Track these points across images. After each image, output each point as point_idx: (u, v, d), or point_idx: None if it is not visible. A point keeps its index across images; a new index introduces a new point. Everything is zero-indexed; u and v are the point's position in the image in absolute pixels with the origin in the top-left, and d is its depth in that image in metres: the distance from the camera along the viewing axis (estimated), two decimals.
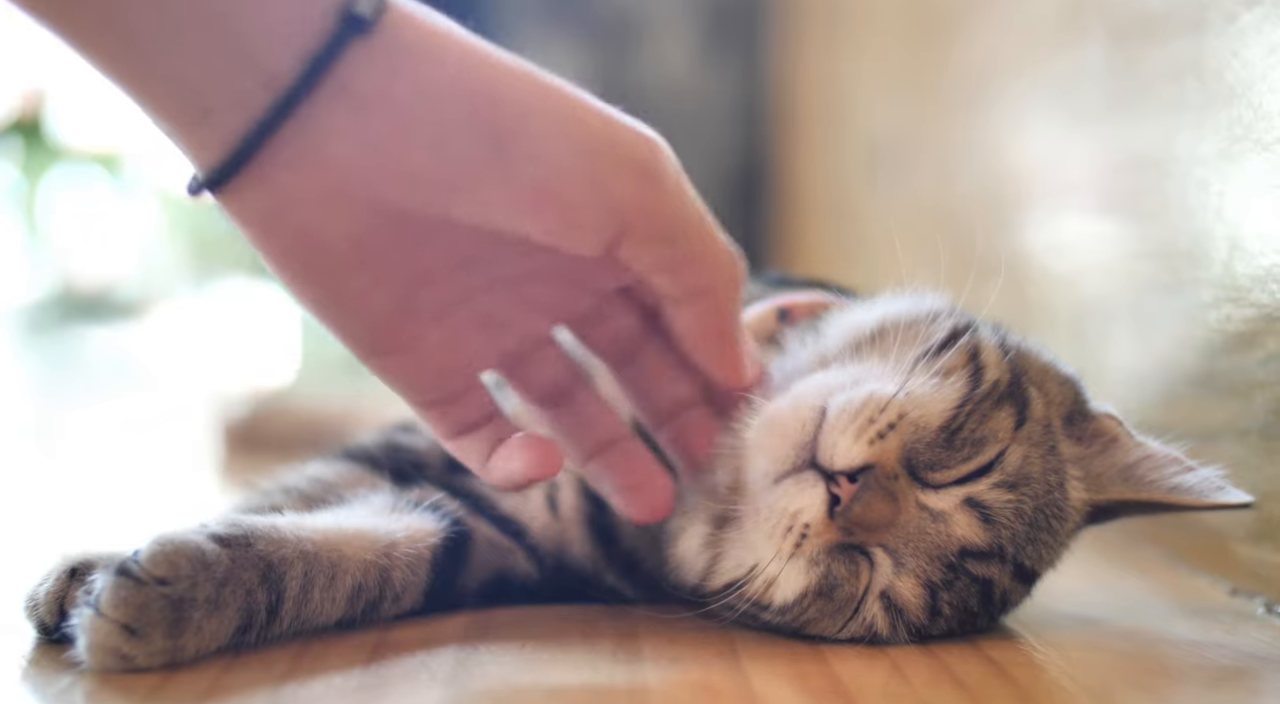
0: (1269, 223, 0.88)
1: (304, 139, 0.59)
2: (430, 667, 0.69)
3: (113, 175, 4.19)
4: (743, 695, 0.65)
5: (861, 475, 0.69)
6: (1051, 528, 0.75)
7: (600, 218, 0.62)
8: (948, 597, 0.72)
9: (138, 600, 0.64)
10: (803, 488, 0.71)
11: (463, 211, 0.61)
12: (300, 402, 1.81)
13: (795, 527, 0.70)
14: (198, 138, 0.60)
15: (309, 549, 0.72)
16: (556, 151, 0.61)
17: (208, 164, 0.60)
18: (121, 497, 1.43)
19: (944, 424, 0.72)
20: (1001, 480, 0.72)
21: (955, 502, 0.71)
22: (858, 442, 0.69)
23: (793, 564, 0.71)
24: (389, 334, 0.66)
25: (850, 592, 0.71)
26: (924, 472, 0.71)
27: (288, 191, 0.60)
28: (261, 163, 0.59)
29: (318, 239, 0.61)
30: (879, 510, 0.70)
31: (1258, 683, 0.74)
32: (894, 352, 0.75)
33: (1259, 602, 0.89)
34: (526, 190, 0.61)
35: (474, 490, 0.86)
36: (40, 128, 4.05)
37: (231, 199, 0.61)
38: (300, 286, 0.64)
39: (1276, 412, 0.87)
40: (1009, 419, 0.74)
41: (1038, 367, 0.79)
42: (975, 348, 0.75)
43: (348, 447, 0.92)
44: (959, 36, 1.64)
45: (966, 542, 0.71)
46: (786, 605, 0.73)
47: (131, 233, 4.26)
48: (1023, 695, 0.66)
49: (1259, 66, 0.89)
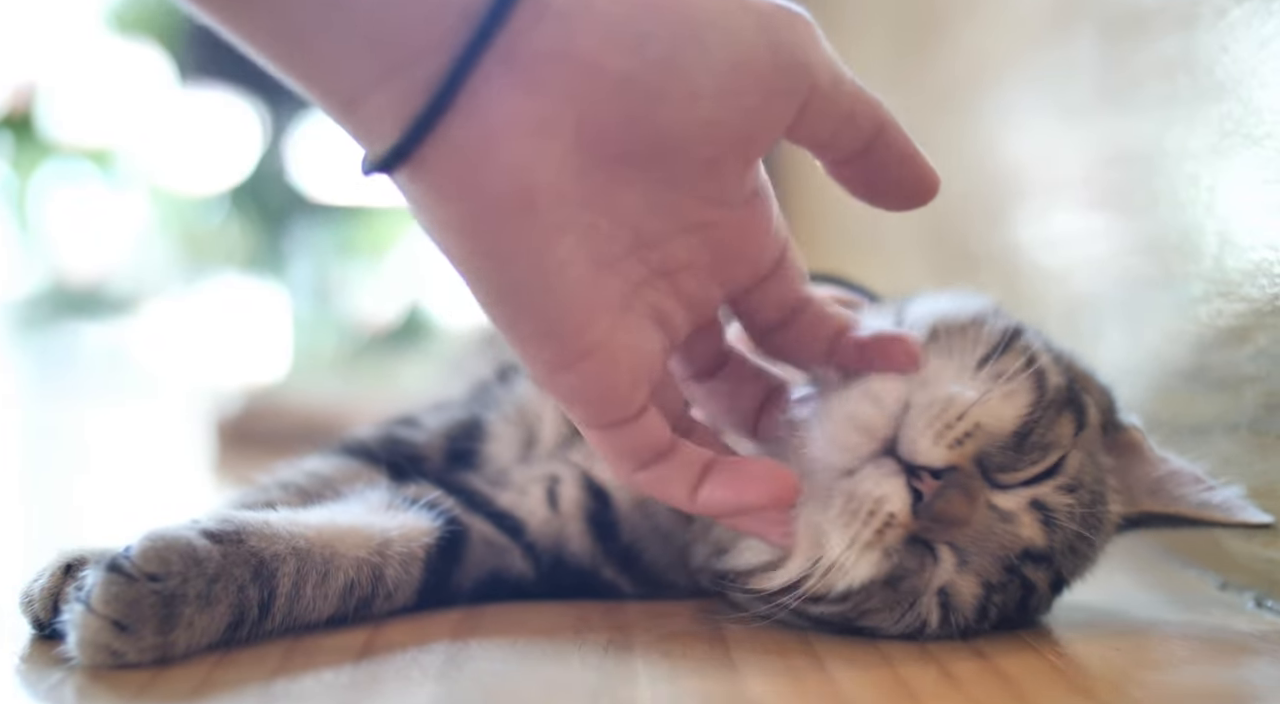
0: (1259, 217, 0.88)
1: (511, 63, 0.56)
2: (422, 663, 0.69)
3: (104, 171, 4.19)
4: (733, 690, 0.65)
5: (945, 474, 0.70)
6: (1092, 539, 0.75)
7: (791, 80, 0.61)
8: (999, 598, 0.72)
9: (129, 596, 0.64)
10: (885, 475, 0.70)
11: (668, 111, 0.59)
12: (292, 397, 1.81)
13: (880, 513, 0.70)
14: (395, 91, 0.56)
15: (302, 546, 0.72)
16: (740, 24, 0.60)
17: (407, 115, 0.56)
18: (114, 493, 1.42)
19: (1016, 430, 0.72)
20: (1064, 484, 0.73)
21: (1023, 502, 0.72)
22: (937, 444, 0.69)
23: (867, 553, 0.70)
24: (581, 329, 0.60)
25: (914, 585, 0.72)
26: (994, 473, 0.72)
27: (498, 126, 0.56)
28: (470, 97, 0.55)
29: (529, 181, 0.57)
30: (960, 509, 0.70)
31: (1249, 676, 0.74)
32: (956, 353, 0.74)
33: (1249, 596, 0.89)
34: (724, 69, 0.59)
35: (471, 486, 0.86)
36: (31, 123, 4.05)
37: (438, 151, 0.56)
38: (495, 265, 0.59)
39: (1267, 406, 0.87)
40: (1070, 425, 0.75)
41: (1082, 373, 0.80)
42: (1031, 352, 0.76)
43: (345, 441, 0.92)
44: (949, 33, 1.64)
45: (1030, 543, 0.72)
46: (851, 592, 0.72)
47: (123, 228, 4.26)
48: (1013, 689, 0.67)
49: (1249, 62, 0.89)
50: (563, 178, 0.58)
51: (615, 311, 0.62)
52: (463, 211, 0.57)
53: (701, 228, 0.64)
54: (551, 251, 0.58)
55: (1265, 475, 0.86)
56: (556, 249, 0.59)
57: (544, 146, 0.57)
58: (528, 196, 0.57)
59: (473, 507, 0.84)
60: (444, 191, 0.57)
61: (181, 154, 4.22)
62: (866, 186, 0.67)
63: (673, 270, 0.65)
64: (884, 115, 0.65)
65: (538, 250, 0.58)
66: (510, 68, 0.56)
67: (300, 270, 4.53)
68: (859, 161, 0.66)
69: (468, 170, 0.56)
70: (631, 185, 0.61)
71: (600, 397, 0.62)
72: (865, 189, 0.67)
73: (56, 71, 4.04)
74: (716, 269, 0.66)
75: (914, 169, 0.67)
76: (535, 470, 0.87)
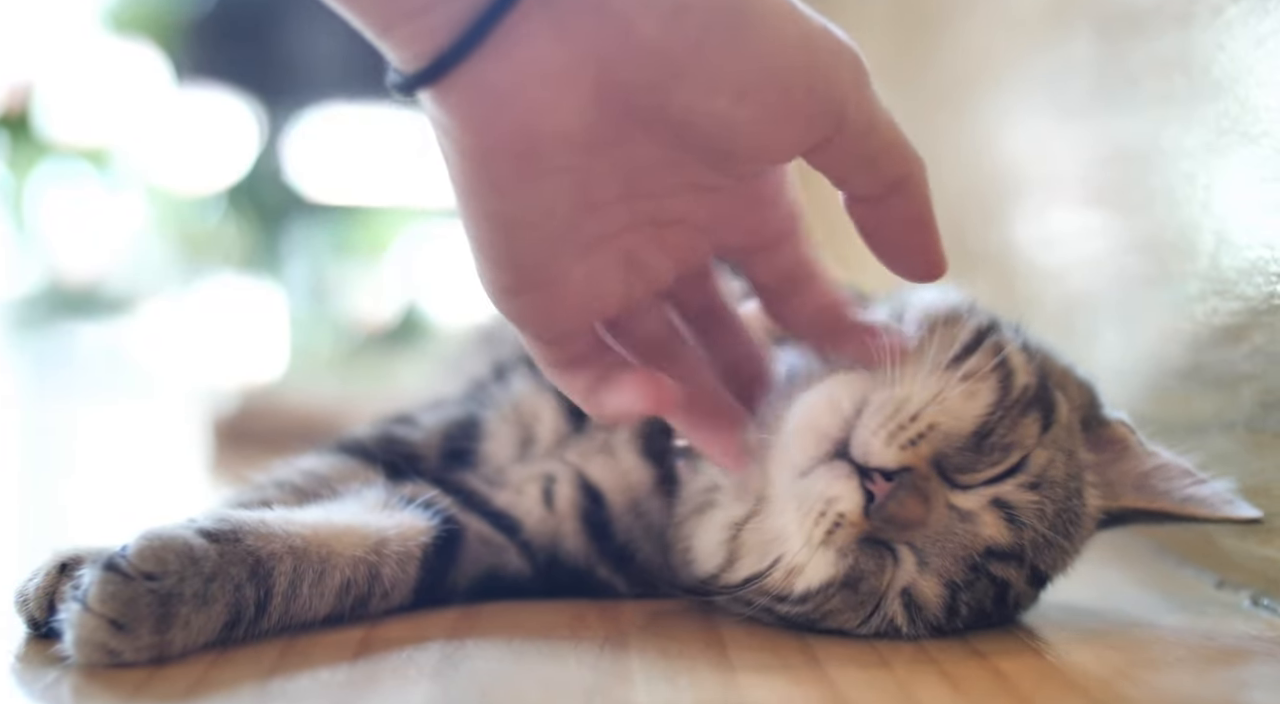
0: (1256, 216, 0.88)
1: (549, 6, 0.57)
2: (418, 661, 0.69)
3: (100, 170, 4.18)
4: (729, 688, 0.65)
5: (898, 476, 0.70)
6: (1068, 533, 0.75)
7: (819, 108, 0.61)
8: (967, 597, 0.72)
9: (125, 595, 0.64)
10: (837, 476, 0.70)
11: (686, 93, 0.60)
12: (289, 397, 1.81)
13: (830, 513, 0.70)
14: (439, 15, 0.57)
15: (298, 545, 0.72)
16: (783, 33, 0.60)
17: (442, 43, 0.57)
18: (111, 492, 1.42)
19: (975, 431, 0.72)
20: (1027, 481, 0.73)
21: (983, 501, 0.72)
22: (889, 446, 0.69)
23: (821, 553, 0.71)
24: (544, 265, 0.64)
25: (874, 586, 0.72)
26: (953, 473, 0.72)
27: (523, 65, 0.58)
28: (505, 31, 0.57)
29: (540, 125, 0.59)
30: (913, 510, 0.70)
31: (1245, 675, 0.74)
32: (925, 351, 0.74)
33: (1245, 594, 0.89)
34: (752, 70, 0.60)
35: (468, 485, 0.86)
36: (28, 122, 4.04)
37: (465, 79, 0.58)
38: (493, 194, 0.61)
39: (1263, 405, 0.87)
40: (1036, 424, 0.74)
41: (1059, 369, 0.80)
42: (1002, 350, 0.75)
43: (342, 439, 0.92)
44: (946, 31, 1.64)
45: (992, 542, 0.72)
46: (810, 593, 0.72)
47: (119, 228, 4.25)
48: (1011, 689, 0.67)
49: (1245, 60, 0.89)
50: (571, 125, 0.59)
51: (581, 252, 0.64)
52: (476, 143, 0.59)
53: (703, 190, 0.65)
54: (542, 193, 0.61)
55: (1262, 474, 0.86)
56: (547, 191, 0.61)
57: (562, 93, 0.59)
58: (535, 139, 0.59)
59: (469, 506, 0.84)
60: (464, 120, 0.59)
61: (178, 153, 4.21)
62: (871, 235, 0.68)
63: (664, 222, 0.66)
64: (911, 171, 0.65)
65: (531, 190, 0.61)
66: (547, 9, 0.57)
67: (297, 270, 4.53)
68: (871, 207, 0.67)
69: (488, 105, 0.58)
70: (637, 142, 0.62)
71: (538, 322, 0.66)
72: (870, 237, 0.68)
73: (53, 71, 4.03)
74: (711, 229, 0.68)
75: (922, 239, 0.67)
76: (532, 470, 0.87)
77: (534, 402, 0.89)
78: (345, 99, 4.21)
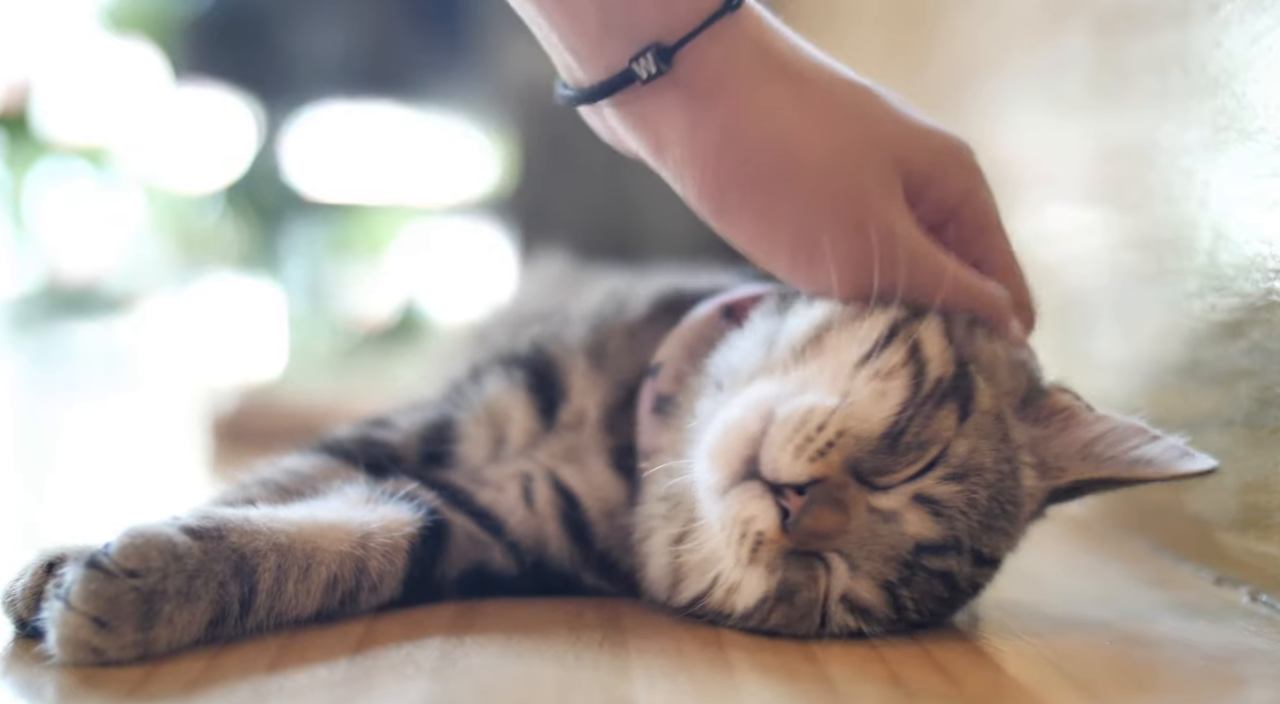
0: (1253, 212, 0.88)
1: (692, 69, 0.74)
2: (416, 658, 0.69)
3: (99, 169, 4.18)
4: (727, 686, 0.65)
5: (810, 488, 0.69)
6: (1008, 514, 0.74)
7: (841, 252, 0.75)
8: (909, 592, 0.71)
9: (108, 593, 0.63)
10: (751, 496, 0.70)
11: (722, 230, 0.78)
12: (288, 395, 1.81)
13: (749, 533, 0.70)
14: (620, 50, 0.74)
15: (282, 541, 0.72)
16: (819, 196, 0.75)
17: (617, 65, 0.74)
18: (108, 491, 1.42)
19: (886, 432, 0.71)
20: (948, 473, 0.72)
21: (904, 500, 0.71)
22: (798, 459, 0.69)
23: (751, 571, 0.71)
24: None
25: (810, 596, 0.71)
26: (870, 476, 0.71)
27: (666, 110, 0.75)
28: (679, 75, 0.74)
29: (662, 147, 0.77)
30: (829, 521, 0.69)
31: (1243, 671, 0.74)
32: (833, 352, 0.74)
33: (1244, 590, 0.89)
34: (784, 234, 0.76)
35: (450, 483, 0.86)
36: (26, 121, 4.03)
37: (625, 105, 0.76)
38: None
39: (1261, 401, 0.87)
40: (952, 415, 0.73)
41: (988, 353, 0.77)
42: (916, 343, 0.74)
43: (324, 440, 0.91)
44: (943, 27, 1.64)
45: (920, 538, 0.71)
46: (748, 611, 0.73)
47: (118, 226, 4.25)
48: (1010, 685, 0.67)
49: (1242, 56, 0.89)
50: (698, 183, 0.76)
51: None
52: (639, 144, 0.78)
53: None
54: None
55: (1260, 470, 0.86)
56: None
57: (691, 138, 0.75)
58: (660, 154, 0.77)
59: (455, 503, 0.84)
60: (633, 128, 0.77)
61: (176, 152, 4.20)
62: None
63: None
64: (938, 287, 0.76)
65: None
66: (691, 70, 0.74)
67: (295, 268, 4.52)
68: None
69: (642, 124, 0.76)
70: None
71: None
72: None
73: (51, 70, 4.03)
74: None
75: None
76: (509, 468, 0.87)
77: (505, 402, 0.89)
78: (343, 98, 4.21)
